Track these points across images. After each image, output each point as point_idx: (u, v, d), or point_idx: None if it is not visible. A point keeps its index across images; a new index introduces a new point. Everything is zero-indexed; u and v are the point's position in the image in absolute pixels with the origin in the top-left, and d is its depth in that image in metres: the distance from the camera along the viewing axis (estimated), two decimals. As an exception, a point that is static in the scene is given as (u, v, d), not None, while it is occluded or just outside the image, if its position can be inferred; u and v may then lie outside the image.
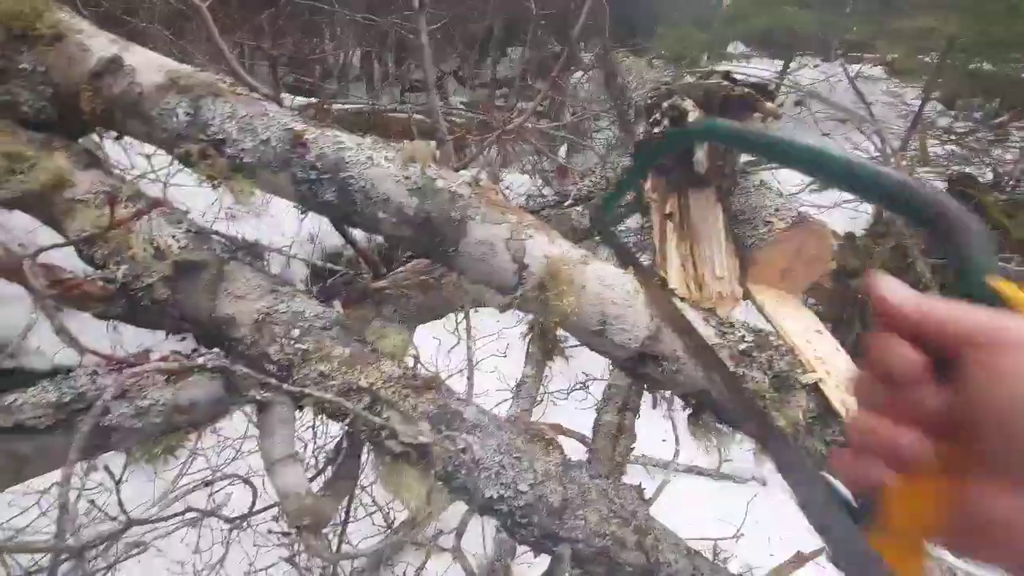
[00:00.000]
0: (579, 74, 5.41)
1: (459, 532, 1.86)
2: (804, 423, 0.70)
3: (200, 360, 0.57)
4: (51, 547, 1.07)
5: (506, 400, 2.32)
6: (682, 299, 0.80)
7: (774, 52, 5.97)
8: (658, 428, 2.26)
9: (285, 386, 0.59)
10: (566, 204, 1.12)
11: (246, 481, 1.26)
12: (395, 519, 2.05)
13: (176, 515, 0.76)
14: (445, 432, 0.68)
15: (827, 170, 0.33)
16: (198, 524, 1.91)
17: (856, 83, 4.04)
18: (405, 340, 0.72)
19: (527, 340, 1.58)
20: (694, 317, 0.71)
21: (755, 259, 0.95)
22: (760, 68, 5.16)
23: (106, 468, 0.79)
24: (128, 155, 2.16)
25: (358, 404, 0.65)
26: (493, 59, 5.72)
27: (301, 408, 0.69)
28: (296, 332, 0.66)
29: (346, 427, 0.67)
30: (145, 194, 0.65)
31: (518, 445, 0.72)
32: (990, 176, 2.89)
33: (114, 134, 0.70)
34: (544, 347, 1.33)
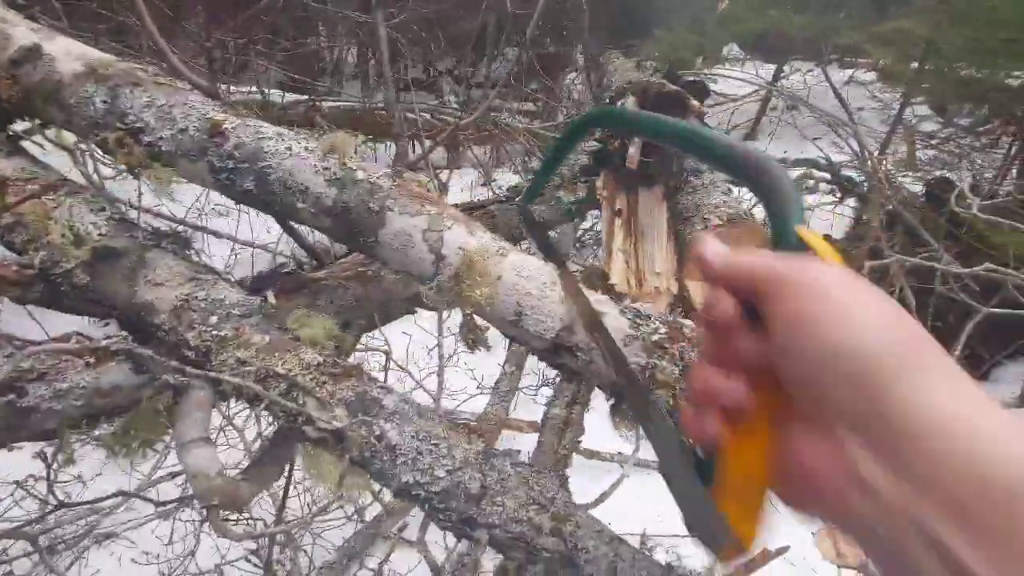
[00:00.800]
0: (572, 75, 5.42)
1: (424, 525, 1.88)
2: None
3: (103, 343, 0.58)
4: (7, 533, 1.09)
5: (474, 396, 2.33)
6: (605, 292, 0.81)
7: (768, 56, 5.99)
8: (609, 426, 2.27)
9: (190, 370, 0.61)
10: (516, 199, 1.14)
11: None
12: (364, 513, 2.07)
13: (107, 498, 0.77)
14: (361, 418, 0.69)
15: (681, 140, 0.36)
16: (170, 516, 1.93)
17: (846, 88, 4.05)
18: (329, 328, 0.74)
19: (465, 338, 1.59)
20: (610, 309, 0.73)
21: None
22: (754, 72, 5.18)
23: (40, 454, 0.80)
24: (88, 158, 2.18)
25: (274, 390, 0.66)
26: (488, 58, 5.74)
27: (222, 395, 0.71)
28: (214, 319, 0.68)
29: (262, 412, 0.68)
30: (70, 180, 0.66)
31: (438, 432, 0.74)
32: (969, 182, 2.90)
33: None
34: (469, 338, 1.34)
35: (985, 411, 0.20)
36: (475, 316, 0.73)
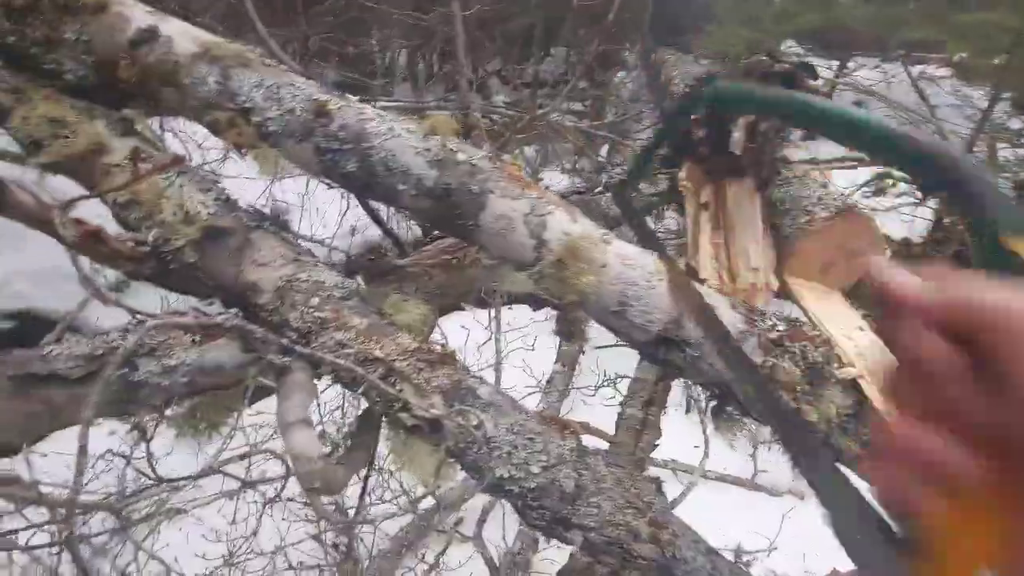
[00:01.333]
0: (622, 73, 5.33)
1: (480, 521, 1.86)
2: (838, 420, 0.65)
3: (218, 319, 0.58)
4: (96, 504, 1.13)
5: (531, 394, 2.30)
6: (708, 286, 0.76)
7: (830, 52, 5.72)
8: (691, 434, 2.20)
9: (299, 349, 0.60)
10: (596, 190, 1.10)
11: (279, 457, 1.29)
12: (419, 504, 2.07)
13: (193, 476, 0.79)
14: (458, 407, 0.67)
15: (829, 124, 0.31)
16: (235, 497, 1.99)
17: (919, 83, 3.82)
18: (424, 314, 0.72)
19: (561, 331, 1.56)
20: (720, 303, 0.68)
21: (793, 250, 0.90)
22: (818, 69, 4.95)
23: (136, 426, 0.82)
24: (186, 148, 2.27)
25: (372, 374, 0.65)
26: (536, 58, 5.72)
27: (320, 376, 0.70)
28: (316, 300, 0.67)
29: (360, 397, 0.67)
30: (182, 158, 0.67)
31: (532, 427, 0.71)
32: (1066, 182, 2.67)
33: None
34: (567, 330, 1.30)
35: None
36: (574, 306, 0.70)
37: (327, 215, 3.14)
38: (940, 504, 0.21)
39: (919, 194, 2.48)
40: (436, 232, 0.97)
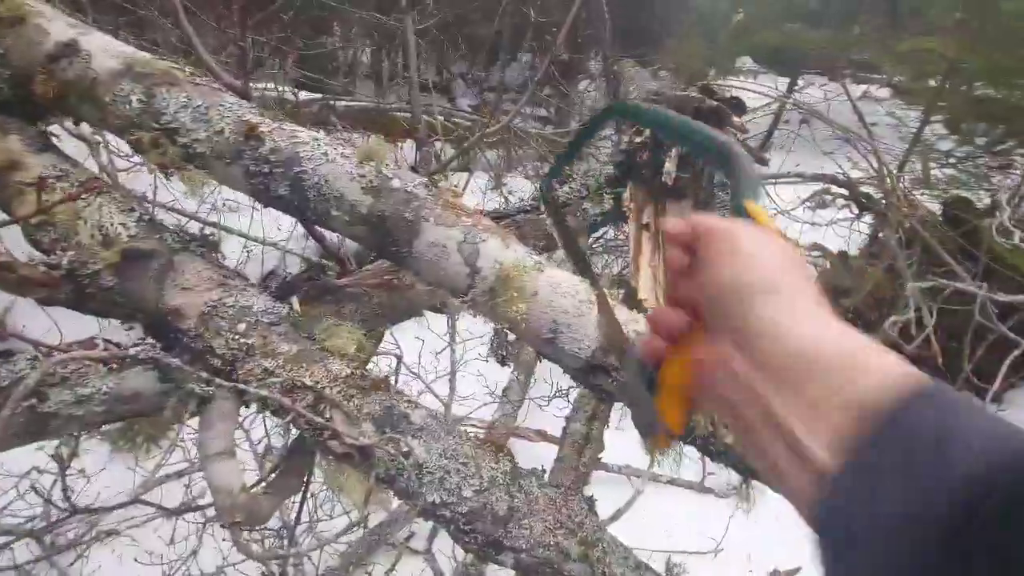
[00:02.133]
0: (586, 82, 5.42)
1: (432, 534, 1.85)
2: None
3: (131, 351, 0.56)
4: (13, 530, 1.06)
5: (487, 404, 2.31)
6: (634, 307, 0.79)
7: (781, 69, 5.97)
8: (636, 443, 2.25)
9: (219, 381, 0.59)
10: (542, 209, 1.12)
11: None
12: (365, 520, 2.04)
13: (117, 507, 0.76)
14: (389, 434, 0.67)
15: (672, 129, 0.45)
16: (173, 516, 1.91)
17: (860, 104, 4.03)
18: (357, 339, 0.72)
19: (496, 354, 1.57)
20: (645, 330, 0.70)
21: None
22: (767, 84, 5.17)
23: (55, 456, 0.78)
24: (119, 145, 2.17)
25: (300, 402, 0.64)
26: (501, 63, 5.74)
27: (247, 404, 0.69)
28: (242, 326, 0.66)
29: (289, 426, 0.66)
30: (99, 178, 0.64)
31: (465, 451, 0.71)
32: (987, 201, 2.88)
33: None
34: (500, 354, 1.32)
35: (808, 318, 0.29)
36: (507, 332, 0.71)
37: (281, 217, 3.05)
38: (668, 350, 0.34)
39: (855, 210, 2.62)
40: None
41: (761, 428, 0.28)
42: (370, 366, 0.83)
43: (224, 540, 1.88)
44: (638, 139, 1.20)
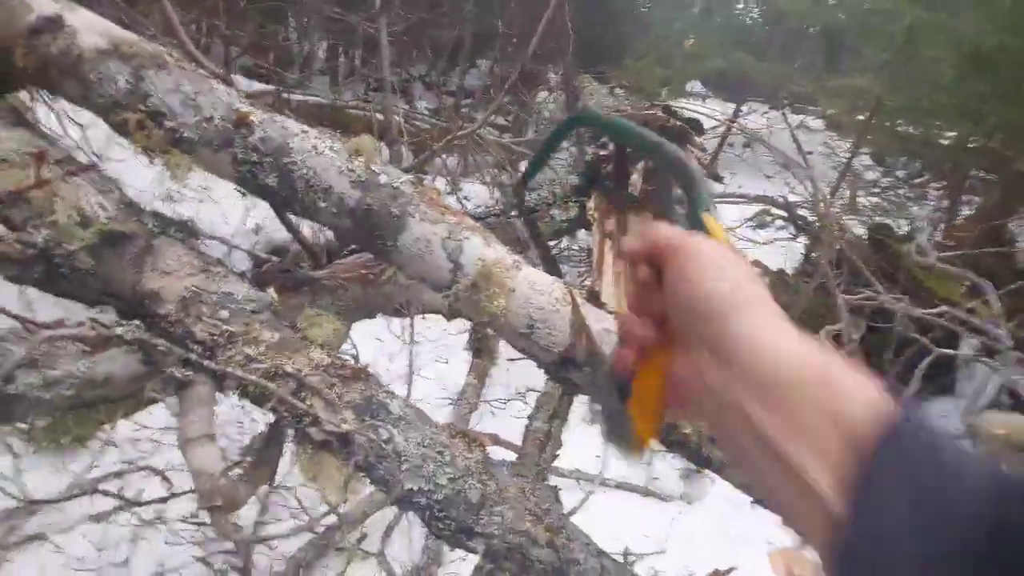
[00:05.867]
0: (545, 94, 5.53)
1: (385, 536, 1.83)
2: (707, 433, 0.75)
3: (119, 330, 0.56)
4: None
5: (445, 406, 2.32)
6: (608, 311, 0.84)
7: (728, 95, 6.33)
8: (593, 444, 2.32)
9: (207, 363, 0.59)
10: (511, 214, 1.16)
11: (160, 474, 1.19)
12: (319, 521, 1.99)
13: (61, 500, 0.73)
14: (370, 422, 0.69)
15: (631, 139, 0.51)
16: (104, 519, 1.80)
17: (797, 132, 4.34)
18: (338, 329, 0.73)
19: (472, 347, 1.60)
20: (615, 328, 0.76)
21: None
22: (715, 108, 5.46)
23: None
24: (62, 123, 2.05)
25: (282, 388, 0.65)
26: (462, 69, 5.77)
27: (224, 391, 0.68)
28: (224, 313, 0.66)
29: (269, 412, 0.66)
30: (75, 158, 0.63)
31: (441, 440, 0.74)
32: (906, 228, 3.17)
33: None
34: (478, 347, 1.35)
35: (781, 333, 0.30)
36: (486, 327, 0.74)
37: (228, 210, 2.94)
38: (637, 361, 0.35)
39: (793, 231, 2.83)
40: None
41: (751, 447, 0.28)
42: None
43: (167, 543, 1.79)
44: (603, 152, 1.27)
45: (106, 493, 0.86)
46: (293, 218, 0.98)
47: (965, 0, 3.04)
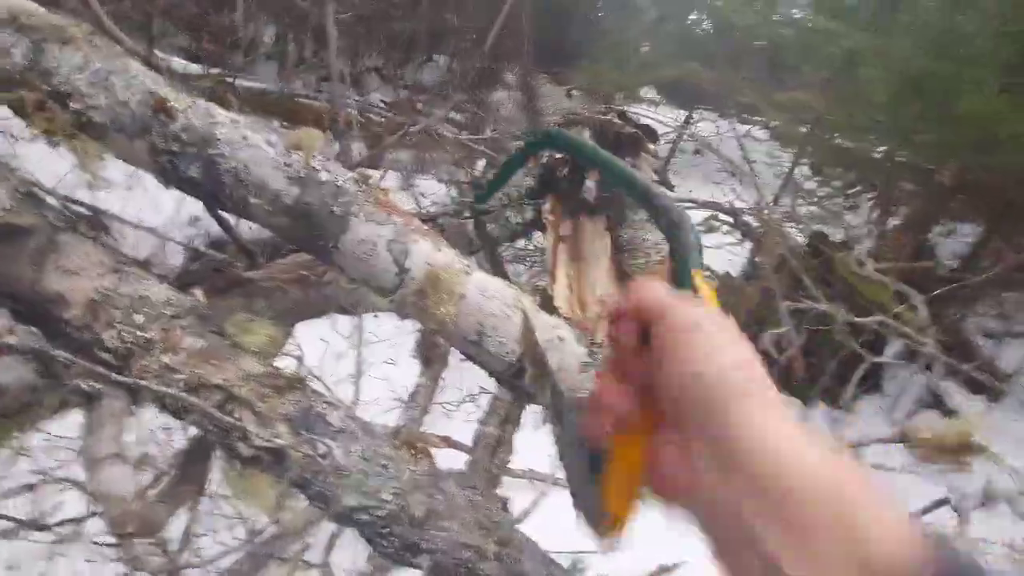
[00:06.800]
0: (502, 93, 5.51)
1: (328, 546, 1.76)
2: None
3: (8, 339, 0.49)
4: None
5: (394, 408, 2.25)
6: (566, 318, 0.83)
7: (680, 102, 6.51)
8: (546, 444, 2.31)
9: (115, 376, 0.53)
10: (465, 215, 1.13)
11: (80, 487, 1.08)
12: (259, 532, 1.89)
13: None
14: (306, 436, 0.64)
15: (623, 180, 0.45)
16: (12, 536, 1.64)
17: (744, 142, 4.51)
18: (273, 336, 0.68)
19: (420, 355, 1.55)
20: (569, 336, 0.74)
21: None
22: (667, 115, 5.60)
23: None
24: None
25: (206, 401, 0.59)
26: (417, 63, 5.65)
27: (138, 404, 0.62)
28: (139, 318, 0.59)
29: (190, 426, 0.61)
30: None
31: (385, 452, 0.70)
32: (840, 236, 3.35)
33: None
34: (425, 355, 1.31)
35: (790, 432, 0.26)
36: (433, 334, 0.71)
37: (160, 199, 2.75)
38: (612, 434, 0.31)
39: (739, 236, 2.93)
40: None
41: (753, 564, 0.25)
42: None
43: (88, 560, 1.65)
44: (558, 154, 1.25)
45: (2, 517, 0.76)
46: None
47: (900, 26, 3.24)
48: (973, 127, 2.73)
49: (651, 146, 1.03)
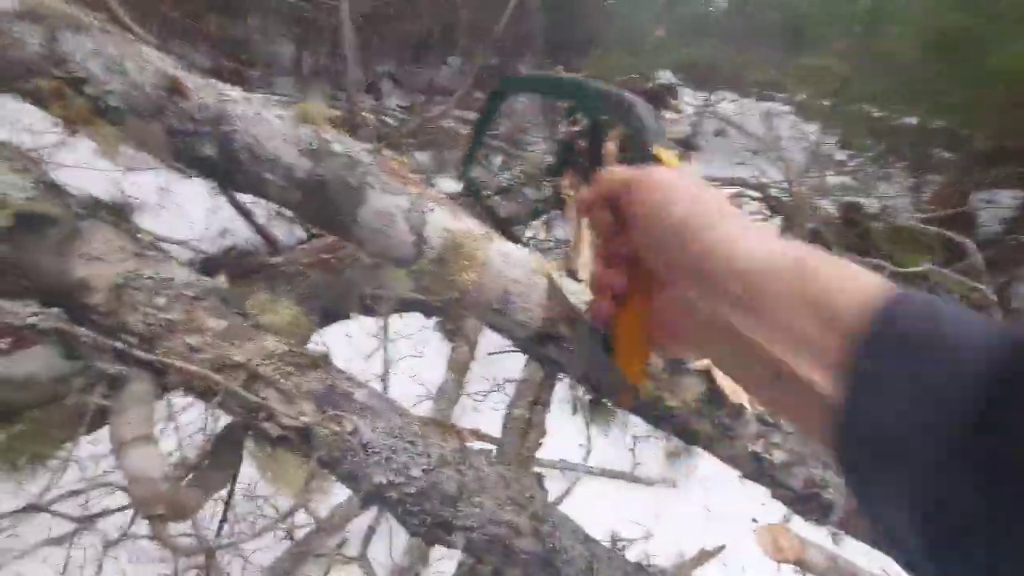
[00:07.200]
0: (516, 87, 5.47)
1: (366, 539, 1.77)
2: (694, 405, 0.71)
3: (32, 320, 0.49)
4: None
5: (421, 402, 2.26)
6: (587, 287, 0.80)
7: (698, 85, 6.38)
8: (576, 433, 2.29)
9: (139, 354, 0.53)
10: (465, 194, 1.11)
11: (123, 489, 1.11)
12: (296, 531, 1.92)
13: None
14: (331, 413, 0.63)
15: (575, 92, 0.49)
16: (66, 543, 1.69)
17: (766, 118, 4.38)
18: (295, 315, 0.67)
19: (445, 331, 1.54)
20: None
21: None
22: (685, 98, 5.49)
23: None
24: (13, 132, 1.92)
25: (231, 380, 0.59)
26: (432, 64, 5.68)
27: (166, 388, 0.62)
28: (162, 300, 0.59)
29: (216, 408, 0.60)
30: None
31: (413, 429, 0.69)
32: (877, 206, 3.22)
33: None
34: (451, 328, 1.30)
35: (758, 237, 0.28)
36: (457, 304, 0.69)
37: (192, 213, 2.83)
38: (614, 309, 0.36)
39: (767, 211, 2.85)
40: (315, 231, 0.92)
41: (746, 360, 0.28)
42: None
43: (131, 562, 1.69)
44: (575, 128, 1.22)
45: (55, 513, 0.78)
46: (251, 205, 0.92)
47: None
48: (1005, 84, 2.59)
49: (672, 100, 1.00)
